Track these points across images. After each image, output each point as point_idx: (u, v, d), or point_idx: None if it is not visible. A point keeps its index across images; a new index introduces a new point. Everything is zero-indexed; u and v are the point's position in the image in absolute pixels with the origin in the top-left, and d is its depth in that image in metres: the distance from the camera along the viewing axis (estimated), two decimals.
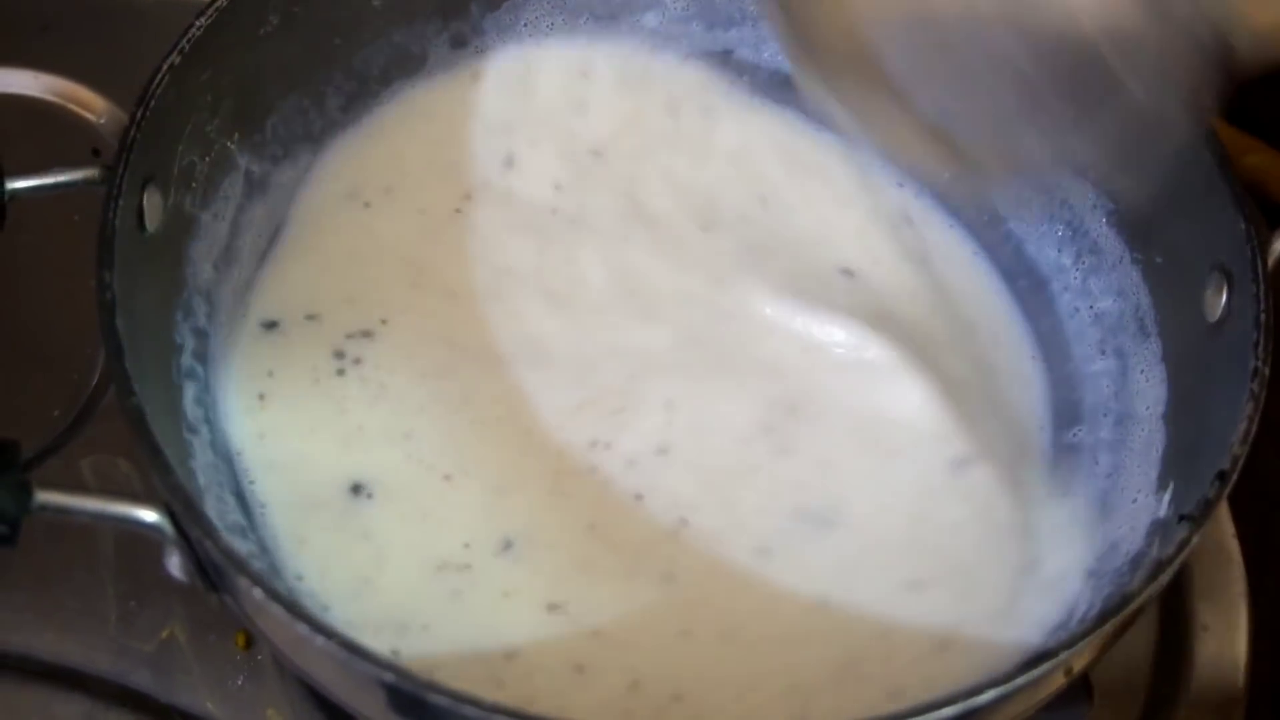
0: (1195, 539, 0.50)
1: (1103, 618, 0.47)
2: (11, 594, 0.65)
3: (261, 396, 0.62)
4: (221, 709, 0.63)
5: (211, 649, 0.64)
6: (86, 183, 0.56)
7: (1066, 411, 0.65)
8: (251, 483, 0.60)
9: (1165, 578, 0.49)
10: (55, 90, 0.80)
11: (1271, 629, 0.68)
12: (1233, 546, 0.69)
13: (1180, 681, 0.66)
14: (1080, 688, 0.63)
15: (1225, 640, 0.67)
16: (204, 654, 0.64)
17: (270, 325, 0.64)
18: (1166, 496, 0.57)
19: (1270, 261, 0.56)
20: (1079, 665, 0.50)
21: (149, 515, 0.49)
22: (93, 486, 0.68)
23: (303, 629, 0.45)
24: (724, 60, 0.75)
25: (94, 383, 0.71)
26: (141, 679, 0.63)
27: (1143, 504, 0.58)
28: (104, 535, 0.66)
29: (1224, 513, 0.70)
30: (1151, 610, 0.67)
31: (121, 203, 0.54)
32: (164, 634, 0.64)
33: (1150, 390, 0.61)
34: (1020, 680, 0.46)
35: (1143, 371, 0.62)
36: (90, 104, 0.80)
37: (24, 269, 0.74)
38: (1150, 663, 0.67)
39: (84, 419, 0.70)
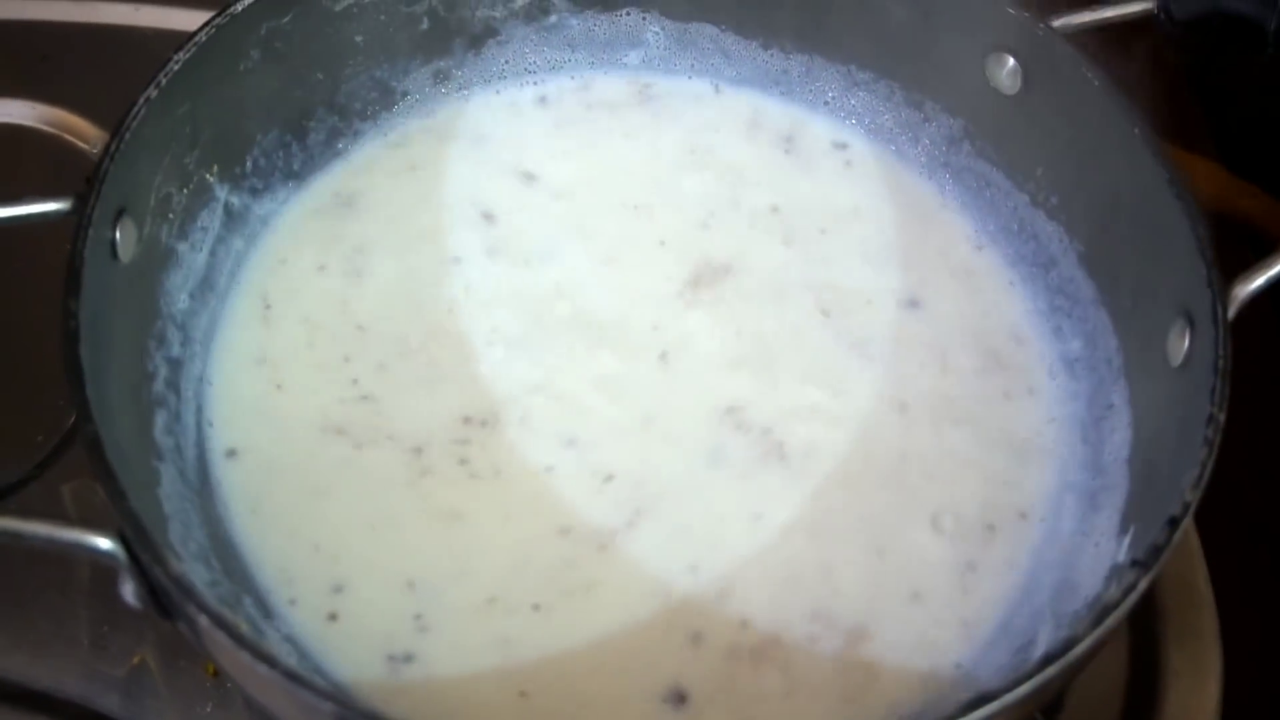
0: (1143, 584, 0.50)
1: (1045, 661, 0.47)
2: None
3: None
4: None
5: (181, 675, 0.64)
6: (59, 214, 0.57)
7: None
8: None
9: (1111, 622, 0.49)
10: (50, 120, 0.81)
11: (1249, 670, 0.67)
12: (1206, 590, 0.69)
13: None
14: None
15: (1196, 685, 0.66)
16: (174, 680, 0.64)
17: None
18: (1126, 541, 0.57)
19: (1232, 308, 0.56)
20: (1031, 706, 0.50)
21: (103, 542, 0.50)
22: (72, 511, 0.68)
23: (246, 657, 0.46)
24: (713, 95, 0.75)
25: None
26: (111, 704, 0.64)
27: (1104, 548, 0.58)
28: (79, 560, 0.66)
29: (1197, 555, 0.69)
30: (1121, 654, 0.67)
31: (92, 233, 0.55)
32: (135, 659, 0.65)
33: (1116, 434, 0.62)
34: None
35: (1109, 415, 0.62)
36: (85, 133, 0.81)
37: (11, 295, 0.75)
38: (1120, 708, 0.66)
39: (67, 444, 0.70)
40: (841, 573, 0.60)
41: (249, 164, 0.67)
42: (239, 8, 0.63)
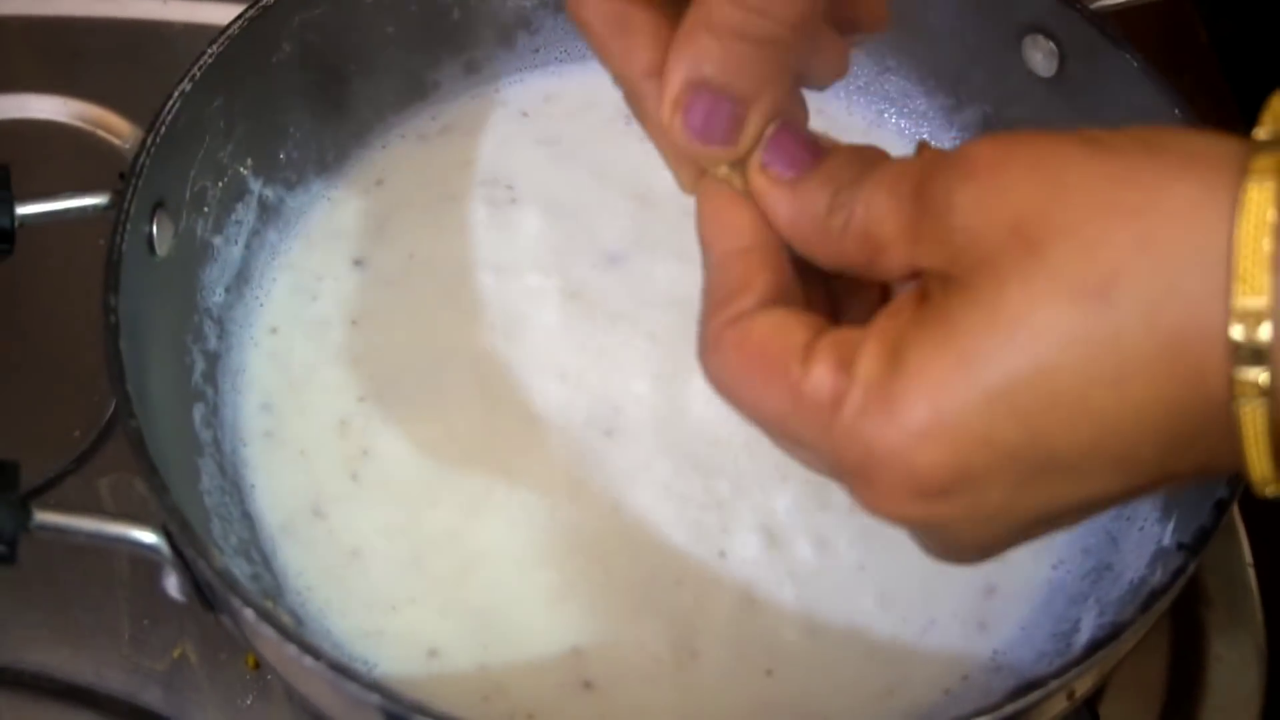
0: (1191, 568, 0.49)
1: (1092, 648, 0.47)
2: (26, 611, 0.66)
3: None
4: None
5: (222, 668, 0.65)
6: (96, 208, 0.57)
7: None
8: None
9: (1160, 607, 0.49)
10: (83, 116, 0.81)
11: None
12: (1249, 576, 0.68)
13: (1192, 714, 0.65)
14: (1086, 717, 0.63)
15: (1239, 672, 0.66)
16: (215, 673, 0.65)
17: None
18: (1170, 525, 0.56)
19: None
20: (1081, 690, 0.50)
21: (147, 536, 0.50)
22: (110, 505, 0.68)
23: (292, 650, 0.46)
24: None
25: (114, 404, 0.71)
26: (152, 697, 0.64)
27: (1149, 532, 0.58)
28: (119, 554, 0.66)
29: (1242, 542, 0.69)
30: (1163, 640, 0.66)
31: (129, 228, 0.55)
32: (176, 653, 0.65)
33: None
34: (1009, 709, 0.46)
35: None
36: (118, 129, 0.81)
37: (48, 291, 0.75)
38: (1162, 694, 0.66)
39: (104, 439, 0.71)
40: None
41: (282, 156, 0.67)
42: (271, 0, 0.63)
